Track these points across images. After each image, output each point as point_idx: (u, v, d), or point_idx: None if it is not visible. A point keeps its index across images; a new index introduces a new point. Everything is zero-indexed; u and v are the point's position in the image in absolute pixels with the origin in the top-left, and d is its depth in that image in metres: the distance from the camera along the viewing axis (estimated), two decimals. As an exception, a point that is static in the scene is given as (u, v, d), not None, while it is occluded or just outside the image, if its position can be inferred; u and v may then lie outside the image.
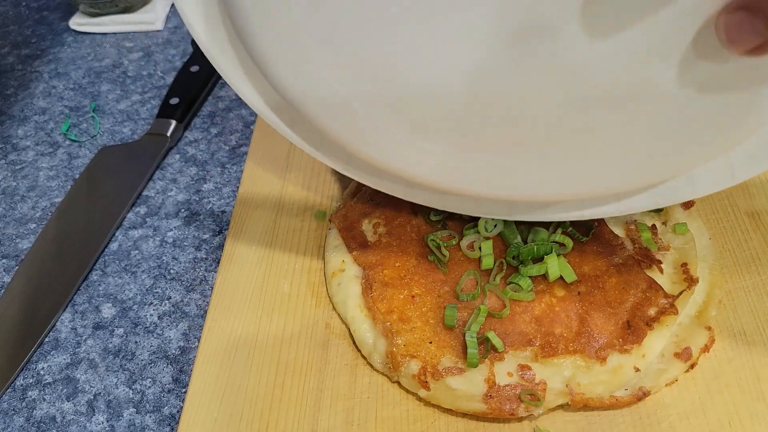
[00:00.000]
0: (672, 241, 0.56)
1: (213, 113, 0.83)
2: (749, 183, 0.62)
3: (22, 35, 0.98)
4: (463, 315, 0.52)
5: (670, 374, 0.50)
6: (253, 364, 0.55)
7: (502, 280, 0.53)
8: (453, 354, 0.50)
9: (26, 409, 0.57)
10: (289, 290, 0.60)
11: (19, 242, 0.70)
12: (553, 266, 0.52)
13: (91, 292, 0.65)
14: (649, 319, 0.51)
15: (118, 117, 0.84)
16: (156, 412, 0.56)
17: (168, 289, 0.65)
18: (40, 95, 0.88)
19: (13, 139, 0.82)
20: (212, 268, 0.66)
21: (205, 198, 0.73)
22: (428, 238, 0.56)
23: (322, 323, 0.57)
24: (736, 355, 0.51)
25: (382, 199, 0.60)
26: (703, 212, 0.61)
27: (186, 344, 0.60)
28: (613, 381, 0.49)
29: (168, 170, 0.76)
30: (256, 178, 0.69)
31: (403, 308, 0.53)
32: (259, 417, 0.52)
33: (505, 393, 0.49)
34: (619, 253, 0.54)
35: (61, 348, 0.61)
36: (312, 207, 0.66)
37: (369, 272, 0.56)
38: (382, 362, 0.53)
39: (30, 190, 0.76)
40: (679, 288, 0.53)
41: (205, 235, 0.69)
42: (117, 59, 0.92)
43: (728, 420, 0.48)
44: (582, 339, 0.50)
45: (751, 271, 0.56)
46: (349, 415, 0.51)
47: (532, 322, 0.51)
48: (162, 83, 0.88)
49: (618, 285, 0.52)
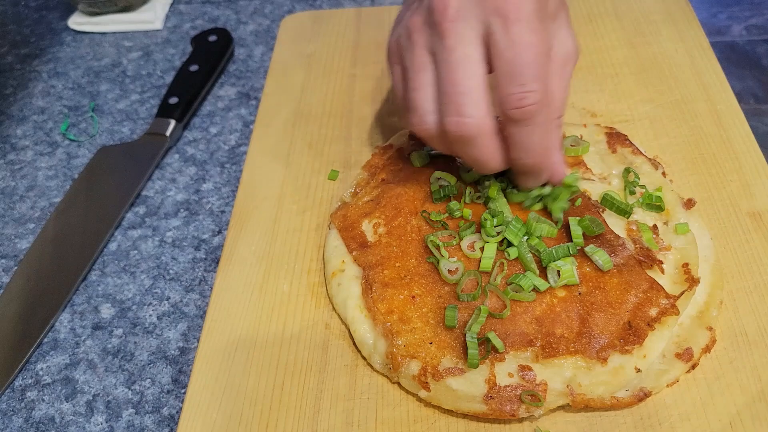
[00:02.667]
0: (673, 242, 0.56)
1: (212, 113, 0.83)
2: (751, 183, 0.62)
3: (21, 34, 0.97)
4: (464, 315, 0.52)
5: (671, 375, 0.50)
6: (252, 364, 0.55)
7: (503, 280, 0.53)
8: (453, 355, 0.50)
9: (25, 410, 0.57)
10: (289, 291, 0.59)
11: (18, 242, 0.70)
12: (568, 272, 0.52)
13: (90, 293, 0.65)
14: (650, 320, 0.50)
15: (117, 116, 0.84)
16: (155, 413, 0.56)
17: (167, 290, 0.65)
18: (39, 95, 0.88)
19: (12, 139, 0.82)
20: (211, 269, 0.66)
21: (205, 198, 0.73)
22: (428, 238, 0.56)
23: (321, 324, 0.57)
24: (738, 355, 0.51)
25: (382, 199, 0.60)
26: (705, 212, 0.61)
27: (185, 345, 0.60)
28: (614, 382, 0.49)
29: (167, 170, 0.76)
30: (255, 178, 0.69)
31: (403, 309, 0.53)
32: (258, 418, 0.51)
33: (505, 394, 0.48)
34: (620, 253, 0.54)
35: (60, 348, 0.61)
36: (312, 207, 0.66)
37: (369, 272, 0.56)
38: (382, 363, 0.52)
39: (29, 190, 0.76)
40: (681, 288, 0.53)
41: (204, 235, 0.69)
42: (116, 59, 0.92)
43: (729, 421, 0.48)
44: (583, 339, 0.50)
45: (752, 272, 0.56)
46: (349, 416, 0.51)
47: (532, 323, 0.51)
48: (161, 83, 0.88)
49: (619, 285, 0.52)
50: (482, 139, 0.51)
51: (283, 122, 0.75)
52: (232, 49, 0.90)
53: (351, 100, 0.76)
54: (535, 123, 0.49)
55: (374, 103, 0.75)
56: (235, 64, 0.89)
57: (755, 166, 0.64)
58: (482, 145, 0.51)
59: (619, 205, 0.57)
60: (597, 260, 0.53)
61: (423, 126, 0.53)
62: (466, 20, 0.49)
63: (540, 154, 0.52)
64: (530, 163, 0.52)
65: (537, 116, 0.49)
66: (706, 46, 0.76)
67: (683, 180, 0.63)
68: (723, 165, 0.64)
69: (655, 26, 0.79)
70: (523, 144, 0.51)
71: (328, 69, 0.81)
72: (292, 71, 0.81)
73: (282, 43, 0.85)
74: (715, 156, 0.65)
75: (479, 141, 0.51)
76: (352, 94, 0.77)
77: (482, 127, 0.50)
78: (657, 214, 0.58)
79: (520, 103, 0.48)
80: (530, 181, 0.56)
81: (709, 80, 0.72)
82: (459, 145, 0.52)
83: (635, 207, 0.57)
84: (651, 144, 0.67)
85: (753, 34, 0.88)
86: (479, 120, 0.50)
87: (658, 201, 0.58)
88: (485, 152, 0.52)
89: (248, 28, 0.94)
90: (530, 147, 0.51)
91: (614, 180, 0.61)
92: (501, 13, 0.48)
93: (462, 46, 0.49)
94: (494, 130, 0.51)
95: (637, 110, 0.70)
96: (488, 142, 0.51)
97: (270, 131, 0.74)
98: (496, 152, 0.52)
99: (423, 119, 0.53)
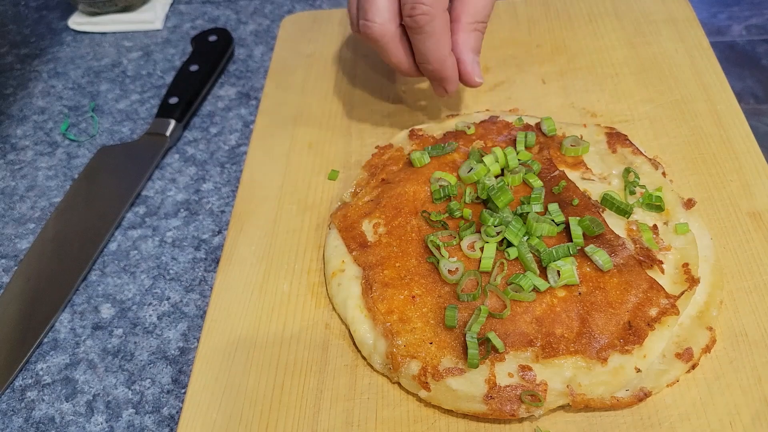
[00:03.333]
0: (673, 242, 0.56)
1: (212, 113, 0.83)
2: (751, 183, 0.62)
3: (21, 34, 0.97)
4: (464, 315, 0.52)
5: (671, 375, 0.50)
6: (252, 364, 0.55)
7: (503, 280, 0.53)
8: (453, 355, 0.50)
9: (25, 410, 0.57)
10: (289, 291, 0.59)
11: (18, 242, 0.70)
12: (568, 272, 0.52)
13: (90, 293, 0.65)
14: (650, 320, 0.50)
15: (117, 117, 0.84)
16: (155, 413, 0.56)
17: (167, 290, 0.65)
18: (39, 95, 0.88)
19: (12, 139, 0.82)
20: (211, 269, 0.66)
21: (205, 198, 0.73)
22: (428, 238, 0.56)
23: (321, 324, 0.57)
24: (738, 355, 0.51)
25: (382, 199, 0.60)
26: (705, 212, 0.61)
27: (185, 345, 0.60)
28: (614, 382, 0.49)
29: (167, 170, 0.76)
30: (255, 178, 0.69)
31: (403, 309, 0.53)
32: (258, 418, 0.51)
33: (505, 394, 0.48)
34: (620, 253, 0.54)
35: (60, 348, 0.61)
36: (312, 207, 0.66)
37: (369, 272, 0.56)
38: (382, 363, 0.52)
39: (29, 190, 0.76)
40: (681, 288, 0.53)
41: (204, 235, 0.69)
42: (116, 59, 0.92)
43: (729, 421, 0.48)
44: (583, 339, 0.50)
45: (752, 272, 0.56)
46: (349, 416, 0.51)
47: (532, 323, 0.51)
48: (161, 83, 0.88)
49: (619, 285, 0.52)
50: (386, 43, 0.59)
51: (283, 122, 0.75)
52: (232, 49, 0.90)
53: (351, 100, 0.76)
54: (427, 32, 0.57)
55: (374, 103, 0.75)
56: (235, 64, 0.89)
57: (755, 166, 0.64)
58: (387, 48, 0.60)
59: (619, 205, 0.57)
60: (597, 260, 0.53)
61: (352, 29, 0.64)
62: None
63: (437, 60, 0.59)
64: (430, 69, 0.60)
65: (427, 26, 0.56)
66: (706, 46, 0.76)
67: (683, 180, 0.63)
68: (723, 165, 0.64)
69: (655, 26, 0.79)
70: (420, 50, 0.59)
71: (328, 69, 0.81)
72: (292, 71, 0.81)
73: (282, 43, 0.85)
74: (715, 156, 0.65)
75: (384, 44, 0.59)
76: (352, 94, 0.77)
77: (384, 32, 0.58)
78: (657, 214, 0.58)
79: (411, 12, 0.56)
80: (439, 89, 0.63)
81: (709, 80, 0.72)
82: (372, 47, 0.61)
83: (635, 207, 0.57)
84: (651, 144, 0.67)
85: (753, 34, 0.88)
86: (380, 25, 0.58)
87: (658, 201, 0.58)
88: (393, 55, 0.61)
89: (248, 28, 0.94)
90: (427, 54, 0.59)
91: (614, 180, 0.61)
92: None
93: None
94: (397, 35, 0.59)
95: (637, 110, 0.70)
96: (393, 46, 0.60)
97: (270, 131, 0.74)
98: (402, 56, 0.61)
99: (352, 23, 0.63)
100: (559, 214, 0.56)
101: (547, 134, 0.64)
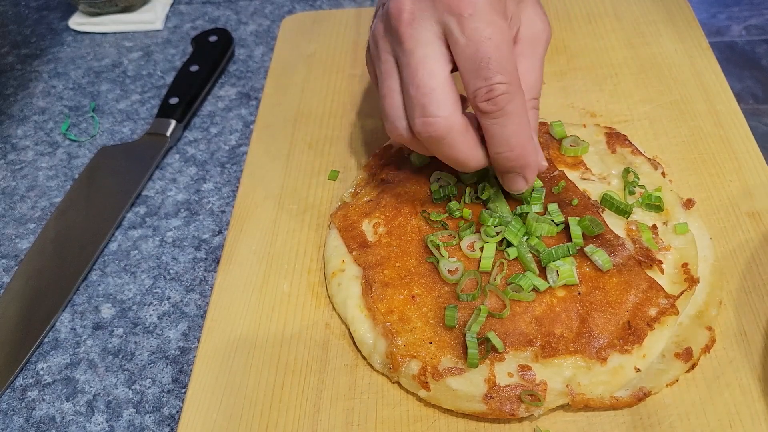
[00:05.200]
0: (673, 242, 0.56)
1: (212, 113, 0.83)
2: (750, 183, 0.62)
3: (21, 35, 0.97)
4: (464, 315, 0.52)
5: (670, 375, 0.50)
6: (252, 364, 0.55)
7: (503, 280, 0.53)
8: (453, 354, 0.50)
9: (25, 410, 0.57)
10: (289, 290, 0.60)
11: (19, 242, 0.70)
12: (567, 272, 0.52)
13: (91, 292, 0.65)
14: (650, 320, 0.50)
15: (118, 117, 0.84)
16: (155, 413, 0.56)
17: (167, 289, 0.65)
18: (39, 95, 0.88)
19: (13, 139, 0.82)
20: (212, 268, 0.66)
21: (205, 198, 0.73)
22: (428, 238, 0.56)
23: (321, 323, 0.57)
24: (737, 355, 0.51)
25: (382, 199, 0.60)
26: (704, 212, 0.61)
27: (185, 344, 0.60)
28: (613, 381, 0.49)
29: (167, 170, 0.76)
30: (255, 178, 0.69)
31: (403, 308, 0.53)
32: (258, 417, 0.51)
33: (505, 393, 0.48)
34: (619, 253, 0.54)
35: (61, 348, 0.61)
36: (312, 207, 0.66)
37: (369, 272, 0.56)
38: (382, 363, 0.52)
39: (29, 190, 0.76)
40: (680, 288, 0.53)
41: (204, 235, 0.69)
42: (116, 59, 0.92)
43: (729, 420, 0.48)
44: (582, 339, 0.50)
45: (752, 272, 0.56)
46: (349, 416, 0.51)
47: (532, 323, 0.51)
48: (161, 83, 0.88)
49: (618, 285, 0.52)
50: (453, 137, 0.50)
51: (283, 122, 0.75)
52: (232, 50, 0.90)
53: (351, 100, 0.76)
54: (508, 113, 0.48)
55: (374, 103, 0.76)
56: (236, 65, 0.89)
57: (755, 166, 0.64)
58: (455, 143, 0.51)
59: (618, 205, 0.57)
60: (596, 260, 0.53)
61: (396, 132, 0.53)
62: (422, 22, 0.49)
63: (519, 144, 0.50)
64: (512, 155, 0.51)
65: (508, 106, 0.48)
66: (706, 46, 0.76)
67: (683, 180, 0.64)
68: (722, 165, 0.64)
69: (654, 27, 0.79)
70: (499, 137, 0.50)
71: (328, 69, 0.81)
72: (292, 71, 0.81)
73: (282, 44, 0.85)
74: (714, 156, 0.65)
75: (450, 139, 0.50)
76: (352, 94, 0.77)
77: (450, 125, 0.49)
78: (656, 214, 0.58)
79: (488, 96, 0.48)
80: (519, 181, 0.54)
81: (708, 80, 0.72)
82: (434, 147, 0.52)
83: (635, 207, 0.58)
84: (650, 144, 0.67)
85: (752, 34, 0.88)
86: (445, 118, 0.49)
87: (657, 201, 0.58)
88: (460, 150, 0.51)
89: (248, 29, 0.94)
90: (509, 139, 0.50)
91: (614, 180, 0.61)
92: (455, 11, 0.48)
93: (420, 47, 0.49)
94: (464, 126, 0.50)
95: (637, 110, 0.71)
96: (461, 139, 0.50)
97: (270, 131, 0.74)
98: (472, 149, 0.51)
99: (394, 125, 0.53)
100: (559, 214, 0.56)
101: (556, 138, 0.64)
